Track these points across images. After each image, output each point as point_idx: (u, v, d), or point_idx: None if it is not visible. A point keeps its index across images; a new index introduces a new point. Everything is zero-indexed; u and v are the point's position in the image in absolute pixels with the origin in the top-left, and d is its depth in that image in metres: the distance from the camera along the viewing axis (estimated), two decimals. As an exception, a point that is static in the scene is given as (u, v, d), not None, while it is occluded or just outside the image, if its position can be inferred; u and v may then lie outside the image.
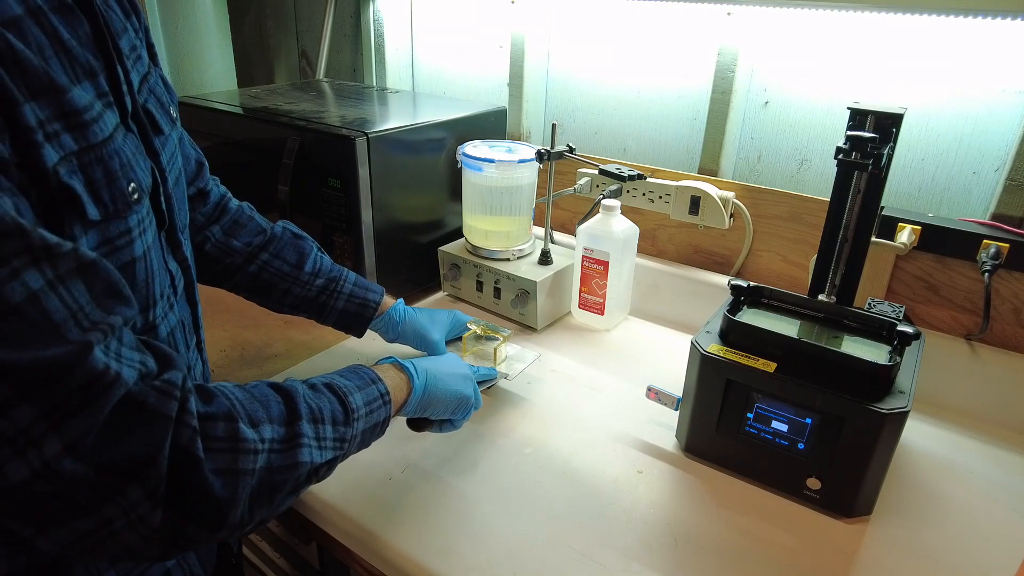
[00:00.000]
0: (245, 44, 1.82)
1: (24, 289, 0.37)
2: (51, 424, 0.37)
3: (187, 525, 0.44)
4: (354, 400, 0.59)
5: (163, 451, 0.41)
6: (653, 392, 0.83)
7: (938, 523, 0.72)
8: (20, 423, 0.37)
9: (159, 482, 0.41)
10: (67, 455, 0.38)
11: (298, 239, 0.85)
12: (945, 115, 0.94)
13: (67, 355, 0.38)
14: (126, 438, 0.40)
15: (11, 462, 0.37)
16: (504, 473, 0.77)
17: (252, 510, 0.48)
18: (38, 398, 0.37)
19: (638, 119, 1.23)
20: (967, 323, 0.94)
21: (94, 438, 0.39)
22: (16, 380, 0.36)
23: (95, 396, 0.39)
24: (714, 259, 1.15)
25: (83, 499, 0.40)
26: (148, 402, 0.42)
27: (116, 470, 0.40)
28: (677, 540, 0.68)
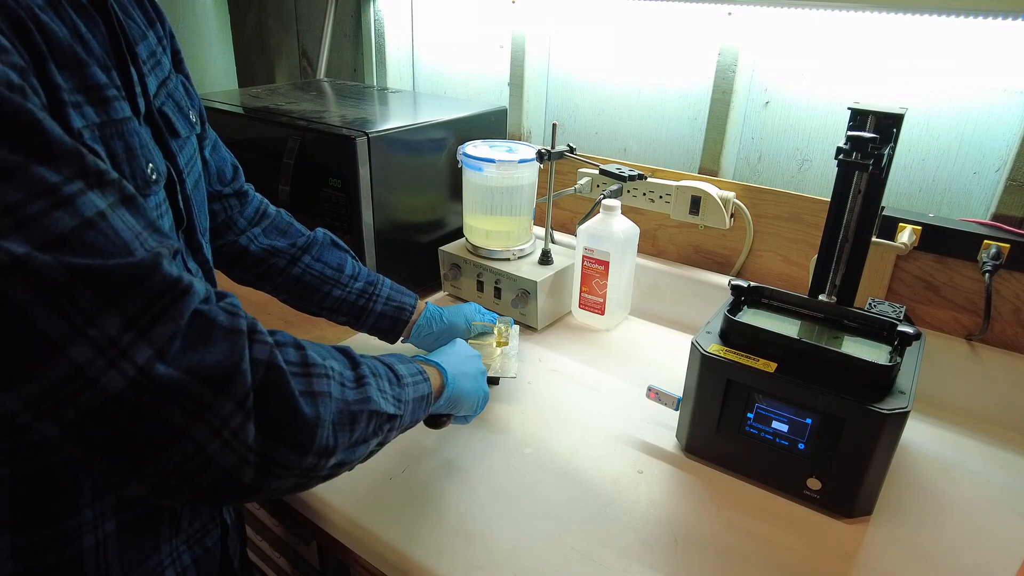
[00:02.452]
0: (246, 44, 1.82)
1: (92, 206, 0.38)
2: (138, 332, 0.38)
3: (278, 447, 0.44)
4: (400, 369, 0.61)
5: (244, 361, 0.42)
6: (653, 392, 0.83)
7: (938, 523, 0.72)
8: (110, 332, 0.37)
9: (246, 393, 0.42)
10: (158, 360, 0.38)
11: (336, 245, 0.87)
12: (946, 115, 0.94)
13: (143, 262, 0.39)
14: (207, 348, 0.41)
15: (106, 374, 0.37)
16: (504, 473, 0.77)
17: (336, 435, 0.48)
18: (123, 305, 0.37)
19: (639, 119, 1.23)
20: (968, 323, 0.94)
21: (179, 345, 0.40)
22: (102, 286, 0.37)
23: (173, 301, 0.40)
24: (714, 259, 1.15)
25: (175, 418, 0.39)
26: (219, 319, 0.43)
27: (205, 378, 0.40)
28: (677, 540, 0.68)
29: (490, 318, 0.97)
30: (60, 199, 0.36)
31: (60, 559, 0.48)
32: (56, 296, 0.35)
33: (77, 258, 0.36)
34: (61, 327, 0.36)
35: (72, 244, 0.36)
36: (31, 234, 0.35)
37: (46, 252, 0.35)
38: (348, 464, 0.52)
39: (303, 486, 0.49)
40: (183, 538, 0.59)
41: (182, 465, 0.41)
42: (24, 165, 0.35)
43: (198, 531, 0.60)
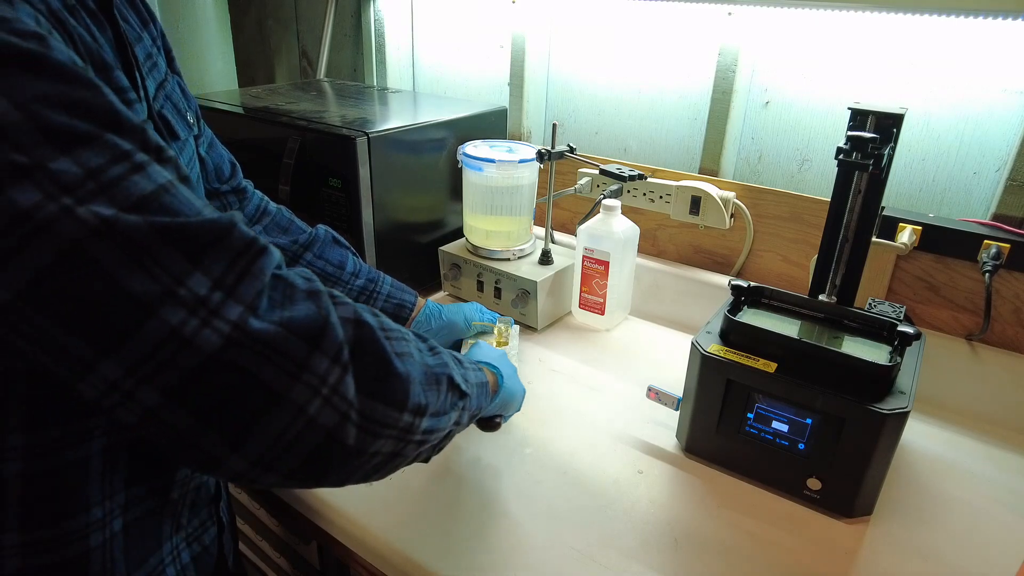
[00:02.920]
0: (246, 44, 1.82)
1: (163, 175, 0.38)
2: (226, 291, 0.38)
3: (376, 404, 0.43)
4: (458, 355, 0.60)
5: (332, 316, 0.41)
6: (653, 392, 0.83)
7: (938, 523, 0.72)
8: (199, 292, 0.37)
9: (340, 347, 0.41)
10: (250, 315, 0.38)
11: (338, 242, 0.88)
12: (946, 115, 0.94)
13: (221, 219, 0.39)
14: (293, 304, 0.41)
15: (201, 333, 0.36)
16: (504, 473, 0.77)
17: (426, 394, 0.48)
18: (207, 264, 0.37)
19: (639, 119, 1.23)
20: (968, 323, 0.94)
21: (266, 303, 0.39)
22: (186, 244, 0.37)
23: (254, 259, 0.40)
24: (714, 259, 1.15)
25: (273, 379, 0.38)
26: (297, 283, 0.42)
27: (298, 333, 0.39)
28: (677, 540, 0.68)
29: (490, 317, 0.97)
30: (136, 165, 0.37)
31: (66, 557, 0.48)
32: (143, 257, 0.35)
33: (159, 217, 0.36)
34: (152, 289, 0.36)
35: (154, 206, 0.37)
36: (115, 197, 0.35)
37: (131, 213, 0.35)
38: (434, 434, 0.51)
39: (398, 455, 0.48)
40: (183, 536, 0.59)
41: (284, 431, 0.39)
42: (100, 133, 0.36)
43: (196, 529, 0.60)
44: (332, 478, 0.44)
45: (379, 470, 0.48)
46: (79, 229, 0.34)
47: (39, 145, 0.34)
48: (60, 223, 0.34)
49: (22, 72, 0.34)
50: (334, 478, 0.45)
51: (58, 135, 0.34)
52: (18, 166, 0.33)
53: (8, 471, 0.44)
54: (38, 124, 0.34)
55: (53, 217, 0.33)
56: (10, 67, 0.34)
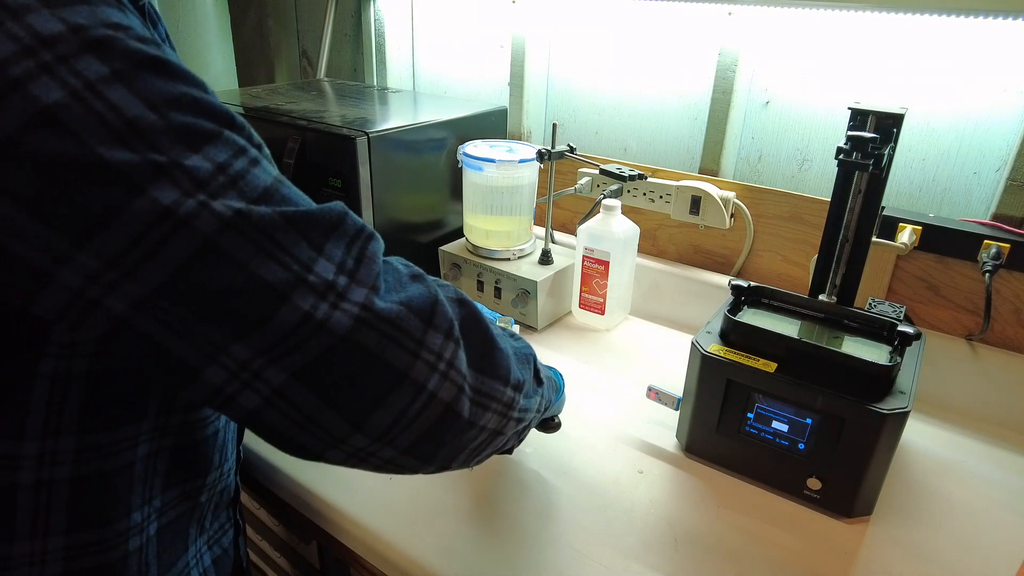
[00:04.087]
0: (246, 44, 1.82)
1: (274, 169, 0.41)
2: (349, 275, 0.39)
3: (484, 377, 0.46)
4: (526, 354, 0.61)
5: (440, 295, 0.43)
6: (653, 392, 0.83)
7: (938, 523, 0.72)
8: (327, 278, 0.38)
9: (451, 323, 0.43)
10: (374, 295, 0.40)
11: None
12: (946, 115, 0.94)
13: (334, 207, 0.41)
14: (404, 287, 0.43)
15: (333, 315, 0.38)
16: (504, 473, 0.77)
17: (521, 371, 0.51)
18: (329, 250, 0.39)
19: (639, 119, 1.23)
20: (968, 323, 0.94)
21: (384, 284, 0.41)
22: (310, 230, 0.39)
23: (367, 243, 0.42)
24: (715, 259, 1.15)
25: (396, 358, 0.40)
26: (399, 267, 0.45)
27: (415, 311, 0.41)
28: (677, 540, 0.68)
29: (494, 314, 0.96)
30: (253, 159, 0.39)
31: (106, 561, 0.49)
32: (274, 247, 0.37)
33: (283, 207, 0.38)
34: (285, 276, 0.37)
35: (276, 197, 0.38)
36: (243, 190, 0.37)
37: (260, 204, 0.37)
38: (528, 414, 0.53)
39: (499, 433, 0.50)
40: (205, 539, 0.59)
41: (407, 408, 0.41)
42: (220, 131, 0.38)
43: (217, 532, 0.61)
44: (442, 456, 0.46)
45: (482, 450, 0.49)
46: (216, 222, 0.35)
47: (173, 144, 0.35)
48: (199, 218, 0.35)
49: (153, 76, 0.36)
50: (443, 456, 0.46)
51: (188, 134, 0.36)
52: (157, 165, 0.34)
53: (59, 474, 0.45)
54: (171, 124, 0.35)
55: (193, 212, 0.35)
56: (141, 72, 0.35)
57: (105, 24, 0.35)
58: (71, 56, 0.33)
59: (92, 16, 0.35)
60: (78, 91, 0.33)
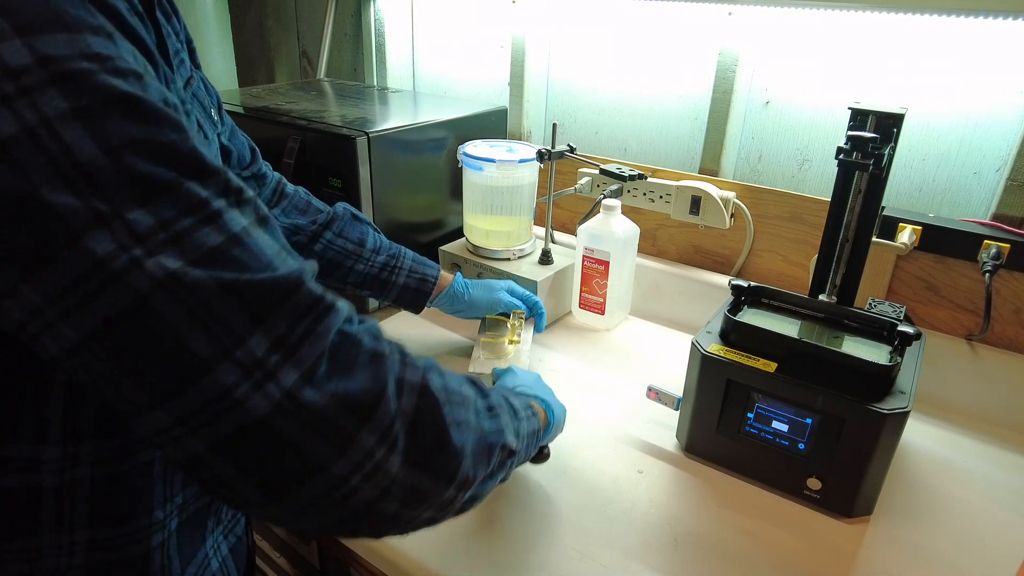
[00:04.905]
0: (246, 43, 1.82)
1: (238, 222, 0.38)
2: (285, 353, 0.37)
3: (423, 477, 0.42)
4: (515, 402, 0.58)
5: (388, 387, 0.40)
6: (653, 392, 0.83)
7: (938, 523, 0.72)
8: (257, 354, 0.36)
9: (391, 422, 0.40)
10: (306, 384, 0.37)
11: (357, 219, 0.88)
12: (946, 115, 0.94)
13: (289, 276, 0.38)
14: (352, 373, 0.39)
15: (252, 397, 0.36)
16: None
17: (475, 467, 0.47)
18: (270, 324, 0.37)
19: (639, 119, 1.23)
20: (968, 323, 0.94)
21: (325, 367, 0.38)
22: (250, 302, 0.36)
23: (319, 319, 0.39)
24: (715, 259, 1.15)
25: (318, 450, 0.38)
26: (363, 341, 0.41)
27: (350, 406, 0.39)
28: (677, 540, 0.68)
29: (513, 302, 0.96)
30: (209, 214, 0.37)
31: (129, 555, 0.50)
32: (206, 315, 0.35)
33: (226, 272, 0.36)
34: (210, 347, 0.35)
35: (222, 259, 0.36)
36: (184, 248, 0.35)
37: (198, 267, 0.35)
38: (478, 500, 0.50)
39: (435, 520, 0.47)
40: (221, 529, 0.61)
41: (324, 496, 0.39)
42: (180, 182, 0.36)
43: (230, 521, 0.62)
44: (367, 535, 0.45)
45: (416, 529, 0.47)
46: (146, 281, 0.34)
47: (120, 192, 0.34)
48: (130, 275, 0.34)
49: (118, 116, 0.34)
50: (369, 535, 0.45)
51: (140, 183, 0.35)
52: (99, 214, 0.33)
53: (81, 475, 0.46)
54: (123, 170, 0.34)
55: (124, 268, 0.34)
56: (107, 110, 0.34)
57: (82, 55, 0.34)
58: (34, 89, 0.33)
59: (69, 46, 0.34)
60: (32, 127, 0.32)
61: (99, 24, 0.35)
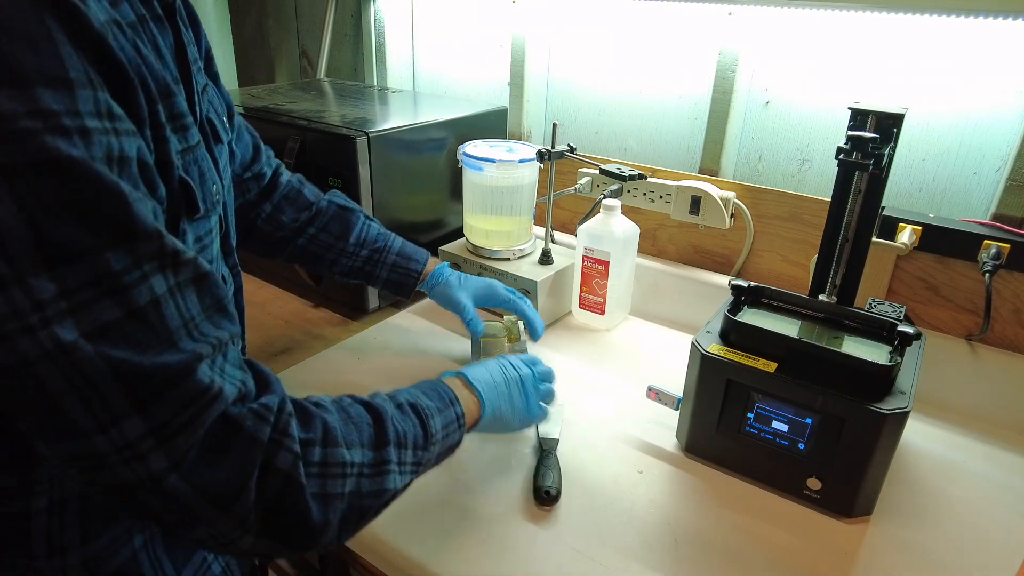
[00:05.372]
0: (246, 43, 1.82)
1: (149, 293, 0.38)
2: (159, 440, 0.39)
3: (278, 546, 0.45)
4: (434, 424, 0.59)
5: (252, 479, 0.42)
6: (653, 392, 0.83)
7: (938, 523, 0.72)
8: (130, 437, 0.38)
9: (249, 511, 0.42)
10: (172, 471, 0.39)
11: (344, 211, 0.89)
12: (946, 115, 0.94)
13: (180, 363, 0.39)
14: (222, 460, 0.41)
15: (121, 470, 0.39)
16: (504, 473, 0.77)
17: (340, 534, 0.49)
18: (150, 411, 0.38)
19: (639, 119, 1.23)
20: (968, 323, 0.94)
21: (195, 455, 0.40)
22: (134, 385, 0.38)
23: (200, 411, 0.40)
24: (715, 259, 1.15)
25: (178, 521, 0.41)
26: (245, 425, 0.43)
27: (211, 498, 0.41)
28: (677, 540, 0.68)
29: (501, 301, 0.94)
30: (115, 287, 0.37)
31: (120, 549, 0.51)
32: (89, 392, 0.36)
33: (117, 351, 0.37)
34: (88, 421, 0.37)
35: (116, 336, 0.37)
36: (81, 320, 0.36)
37: (91, 341, 0.36)
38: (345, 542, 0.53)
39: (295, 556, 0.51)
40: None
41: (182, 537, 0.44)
42: (98, 250, 0.36)
43: None
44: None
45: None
46: (34, 349, 0.35)
47: (28, 256, 0.34)
48: (20, 339, 0.35)
49: (51, 177, 0.34)
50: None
51: (52, 248, 0.35)
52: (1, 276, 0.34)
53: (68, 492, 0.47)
54: (38, 236, 0.34)
55: (15, 331, 0.34)
56: (37, 173, 0.34)
57: (27, 113, 0.33)
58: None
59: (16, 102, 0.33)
60: None
61: (58, 72, 0.35)
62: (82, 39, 0.36)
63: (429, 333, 1.07)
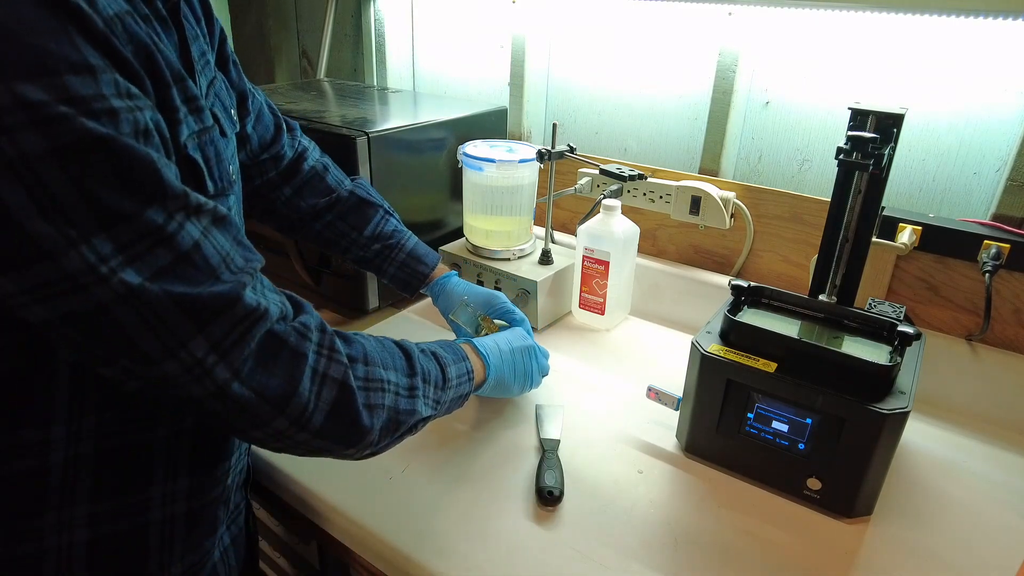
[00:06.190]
0: (246, 44, 1.82)
1: (189, 238, 0.44)
2: (220, 354, 0.45)
3: (331, 444, 0.53)
4: (451, 372, 0.67)
5: (302, 383, 0.49)
6: (653, 392, 0.83)
7: (938, 523, 0.72)
8: (196, 355, 0.44)
9: (302, 411, 0.49)
10: (234, 379, 0.46)
11: (364, 204, 0.91)
12: (946, 115, 0.94)
13: (230, 290, 0.46)
14: (273, 369, 0.48)
15: (191, 386, 0.45)
16: (504, 473, 0.77)
17: (380, 438, 0.56)
18: (210, 331, 0.44)
19: (639, 119, 1.23)
20: (968, 323, 0.94)
21: (251, 364, 0.47)
22: (196, 313, 0.44)
23: (251, 327, 0.47)
24: (714, 259, 1.15)
25: (243, 424, 0.48)
26: (289, 340, 0.49)
27: (269, 399, 0.48)
28: (677, 540, 0.68)
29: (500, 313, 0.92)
30: (163, 237, 0.43)
31: (125, 528, 0.53)
32: (158, 323, 0.42)
33: (177, 287, 0.43)
34: (158, 348, 0.43)
35: (172, 275, 0.43)
36: (140, 268, 0.42)
37: (154, 282, 0.42)
38: (377, 454, 0.59)
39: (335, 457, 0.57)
40: (226, 520, 0.63)
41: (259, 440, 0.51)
42: (140, 211, 0.42)
43: (233, 511, 0.65)
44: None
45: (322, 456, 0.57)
46: (109, 294, 0.41)
47: (88, 221, 0.40)
48: (96, 288, 0.40)
49: (90, 155, 0.39)
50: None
51: (104, 212, 0.40)
52: (69, 239, 0.39)
53: (84, 449, 0.50)
54: (90, 203, 0.40)
55: (91, 282, 0.40)
56: (80, 150, 0.39)
57: (60, 100, 0.37)
58: (15, 129, 0.36)
59: (49, 91, 0.37)
60: (11, 162, 0.37)
61: (81, 60, 0.39)
62: (90, 35, 0.40)
63: (429, 333, 1.07)
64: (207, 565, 0.61)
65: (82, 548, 0.51)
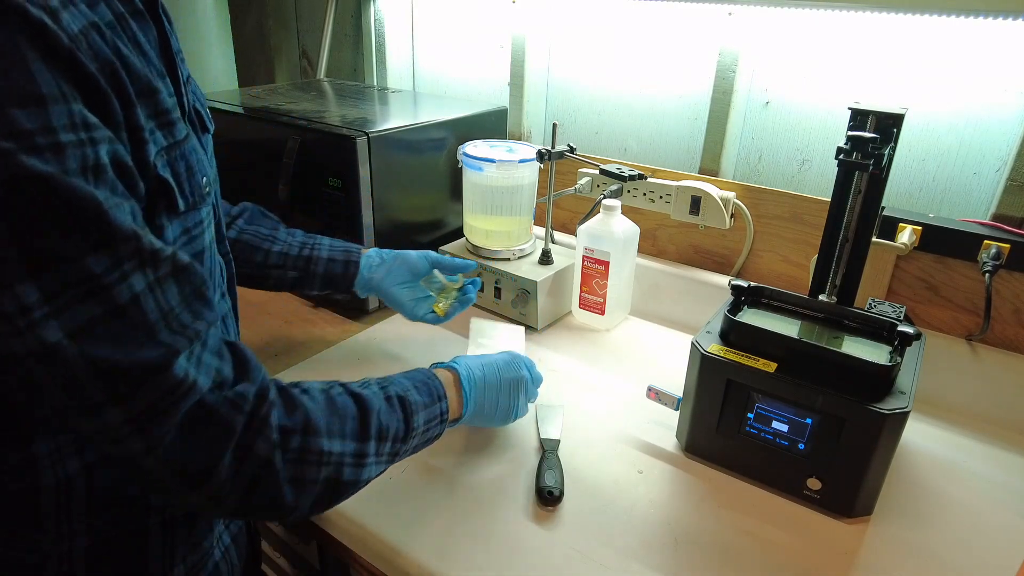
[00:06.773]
0: (246, 44, 1.82)
1: (129, 291, 0.41)
2: (137, 427, 0.42)
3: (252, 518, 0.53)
4: (417, 420, 0.63)
5: (223, 461, 0.46)
6: (653, 392, 0.83)
7: (938, 523, 0.72)
8: (112, 423, 0.42)
9: (217, 489, 0.46)
10: (149, 453, 0.43)
11: (266, 215, 0.89)
12: (946, 115, 0.94)
13: (158, 358, 0.42)
14: (195, 444, 0.45)
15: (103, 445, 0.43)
16: (504, 473, 0.77)
17: (312, 511, 0.53)
18: (129, 403, 0.41)
19: (639, 119, 1.23)
20: (968, 323, 0.94)
21: (170, 440, 0.44)
22: (114, 381, 0.41)
23: (176, 401, 0.43)
24: (714, 259, 1.15)
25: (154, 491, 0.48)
26: (218, 412, 0.46)
27: (184, 476, 0.45)
28: (677, 540, 0.68)
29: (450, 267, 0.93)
30: (97, 287, 0.39)
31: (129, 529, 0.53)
32: (71, 386, 0.40)
33: (99, 349, 0.40)
34: (73, 408, 0.41)
35: (97, 333, 0.40)
36: (65, 321, 0.39)
37: (75, 341, 0.39)
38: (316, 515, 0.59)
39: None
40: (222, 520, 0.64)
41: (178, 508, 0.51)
42: (79, 256, 0.39)
43: None
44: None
45: None
46: (23, 348, 0.38)
47: (13, 265, 0.37)
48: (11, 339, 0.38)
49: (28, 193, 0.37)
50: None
51: (35, 256, 0.37)
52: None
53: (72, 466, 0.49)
54: (21, 246, 0.37)
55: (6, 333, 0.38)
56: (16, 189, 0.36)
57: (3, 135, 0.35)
58: None
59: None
60: None
61: (31, 91, 0.36)
62: (53, 55, 0.37)
63: (429, 333, 1.06)
64: (208, 564, 0.61)
65: (81, 552, 0.51)
